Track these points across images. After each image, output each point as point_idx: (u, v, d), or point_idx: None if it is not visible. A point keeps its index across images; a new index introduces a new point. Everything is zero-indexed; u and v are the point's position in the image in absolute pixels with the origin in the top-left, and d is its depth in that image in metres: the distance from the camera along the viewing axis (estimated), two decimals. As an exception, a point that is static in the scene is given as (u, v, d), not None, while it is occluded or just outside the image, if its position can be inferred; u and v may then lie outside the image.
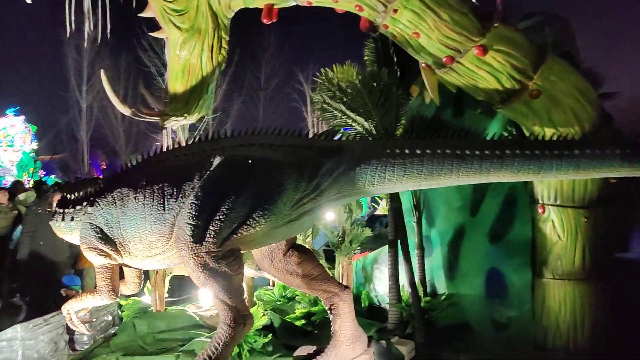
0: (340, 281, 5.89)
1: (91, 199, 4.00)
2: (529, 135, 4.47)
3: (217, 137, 3.97)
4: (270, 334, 5.09)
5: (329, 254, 7.09)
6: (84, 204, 4.04)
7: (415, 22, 4.31)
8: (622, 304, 4.77)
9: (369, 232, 6.33)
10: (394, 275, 5.52)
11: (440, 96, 4.96)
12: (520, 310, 4.95)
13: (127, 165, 4.08)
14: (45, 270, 6.86)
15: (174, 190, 3.69)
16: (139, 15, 4.71)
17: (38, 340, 4.77)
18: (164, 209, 3.69)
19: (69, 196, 4.21)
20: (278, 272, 4.31)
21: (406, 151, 3.79)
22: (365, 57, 6.21)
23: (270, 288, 7.05)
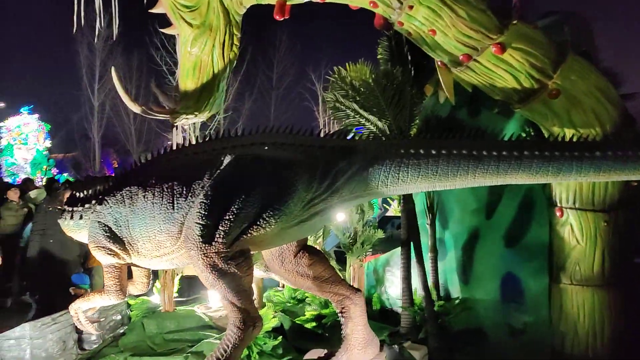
0: (352, 283, 5.83)
1: (100, 197, 3.96)
2: (548, 136, 4.38)
3: (228, 136, 3.91)
4: (280, 336, 5.08)
5: (339, 256, 7.02)
6: (92, 202, 3.99)
7: (432, 19, 4.21)
8: (643, 310, 4.65)
9: (381, 234, 6.28)
10: (407, 278, 5.45)
11: (456, 95, 4.85)
12: (536, 316, 4.85)
13: (137, 164, 4.03)
14: (55, 269, 6.85)
15: (184, 189, 3.64)
16: (149, 11, 4.66)
17: (46, 339, 4.75)
18: (173, 208, 3.64)
19: (78, 194, 4.17)
20: (288, 274, 4.24)
21: (421, 151, 3.70)
22: (378, 56, 6.12)
23: (280, 289, 7.02)
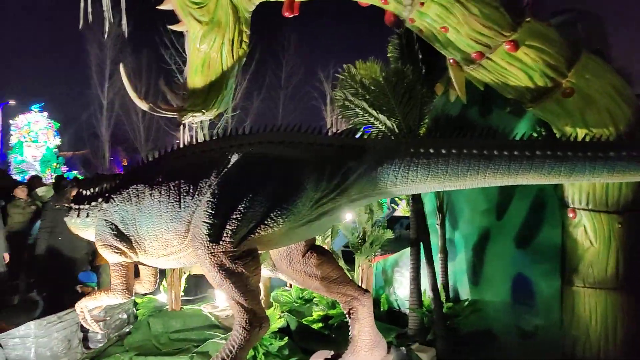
0: (360, 284, 5.77)
1: (107, 195, 3.93)
2: (561, 136, 4.29)
3: (235, 134, 3.86)
4: (287, 337, 5.04)
5: (347, 256, 6.96)
6: (99, 200, 3.96)
7: (444, 16, 4.14)
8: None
9: (390, 234, 6.22)
10: (416, 279, 5.39)
11: (467, 94, 4.78)
12: (547, 319, 4.79)
13: (144, 162, 4.00)
14: (62, 267, 6.85)
15: (191, 187, 3.60)
16: (157, 7, 4.62)
17: (51, 337, 4.72)
18: (180, 207, 3.60)
19: (84, 192, 4.15)
20: (296, 274, 4.19)
21: (430, 150, 3.63)
22: (388, 54, 6.05)
23: (287, 289, 6.98)
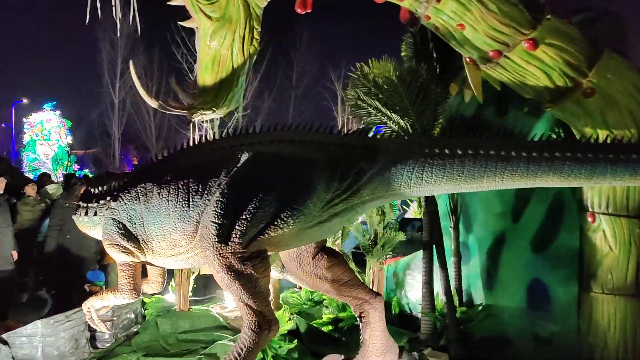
0: (371, 287, 5.67)
1: (115, 193, 3.87)
2: (581, 137, 4.17)
3: (246, 133, 3.77)
4: (296, 340, 4.96)
5: (358, 257, 6.85)
6: (107, 199, 3.91)
7: (460, 13, 4.03)
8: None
9: (402, 237, 6.11)
10: (428, 283, 5.27)
11: (483, 94, 4.66)
12: (564, 326, 4.67)
13: (153, 160, 3.93)
14: (71, 265, 6.83)
15: (199, 186, 3.53)
16: (168, 3, 4.56)
17: (58, 336, 4.68)
18: (189, 206, 3.53)
19: (92, 190, 4.09)
20: (306, 276, 4.10)
21: (446, 151, 3.52)
22: (402, 53, 5.96)
23: (297, 290, 6.90)
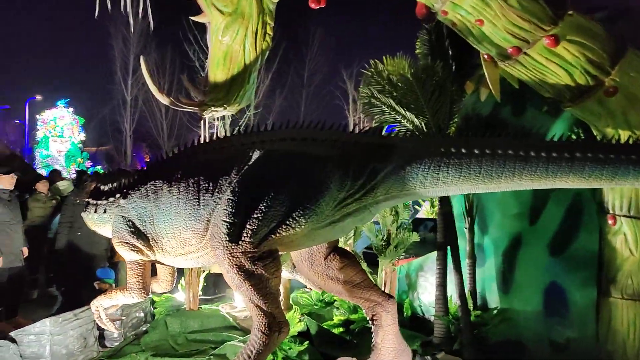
0: (383, 288, 5.58)
1: (124, 191, 3.83)
2: (602, 138, 4.04)
3: (257, 130, 3.70)
4: (307, 342, 4.88)
5: (369, 258, 6.75)
6: (117, 196, 3.86)
7: (479, 8, 3.92)
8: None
9: (416, 237, 5.99)
10: (442, 285, 5.16)
11: (500, 92, 4.54)
12: (581, 331, 4.54)
13: (163, 157, 3.87)
14: (81, 262, 6.81)
15: (210, 184, 3.46)
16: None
17: (67, 335, 4.64)
18: (199, 205, 3.47)
19: (102, 187, 4.04)
20: (318, 277, 4.02)
21: (463, 150, 3.41)
22: (417, 50, 5.85)
23: (307, 291, 6.83)
